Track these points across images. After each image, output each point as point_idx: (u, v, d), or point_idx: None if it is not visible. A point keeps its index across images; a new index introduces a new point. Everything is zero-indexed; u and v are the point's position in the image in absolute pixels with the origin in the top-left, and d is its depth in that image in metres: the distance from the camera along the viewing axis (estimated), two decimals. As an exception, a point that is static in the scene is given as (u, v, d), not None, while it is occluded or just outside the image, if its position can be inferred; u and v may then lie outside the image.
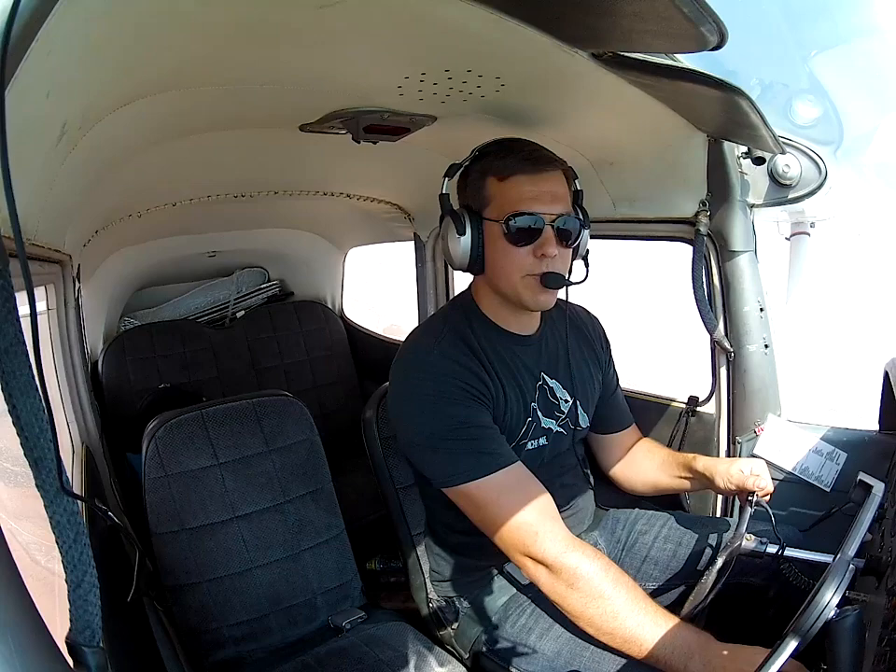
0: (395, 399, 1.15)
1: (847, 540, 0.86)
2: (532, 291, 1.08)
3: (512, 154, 1.05)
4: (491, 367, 1.11)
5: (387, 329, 3.25)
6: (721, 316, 1.41)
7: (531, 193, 1.04)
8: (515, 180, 1.05)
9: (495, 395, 1.10)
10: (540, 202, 1.04)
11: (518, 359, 1.16)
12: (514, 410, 1.13)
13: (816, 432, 1.36)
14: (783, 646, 0.71)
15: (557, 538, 0.99)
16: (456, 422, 1.04)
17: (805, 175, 1.30)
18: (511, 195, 1.05)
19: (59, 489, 0.43)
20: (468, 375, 1.07)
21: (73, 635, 0.44)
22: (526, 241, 1.05)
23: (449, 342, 1.11)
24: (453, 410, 1.04)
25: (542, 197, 1.04)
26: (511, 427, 1.12)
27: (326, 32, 0.81)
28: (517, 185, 1.05)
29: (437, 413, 1.05)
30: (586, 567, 0.96)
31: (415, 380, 1.09)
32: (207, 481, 1.32)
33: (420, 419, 1.07)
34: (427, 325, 1.22)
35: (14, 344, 0.40)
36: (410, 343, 1.18)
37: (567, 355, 1.23)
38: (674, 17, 0.66)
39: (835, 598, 0.71)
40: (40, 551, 0.85)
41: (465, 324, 1.15)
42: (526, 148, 1.07)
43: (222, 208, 1.98)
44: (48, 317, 1.37)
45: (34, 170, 0.78)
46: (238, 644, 1.29)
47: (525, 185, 1.04)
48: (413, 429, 1.10)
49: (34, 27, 0.47)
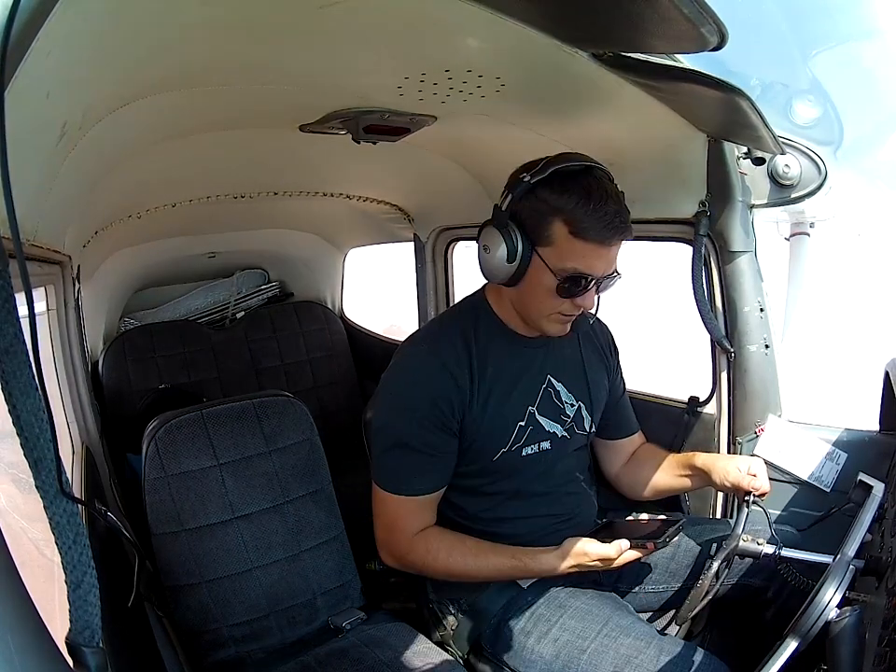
0: (382, 382, 1.20)
1: (846, 541, 0.86)
2: (556, 326, 1.11)
3: (594, 214, 0.99)
4: (478, 369, 1.12)
5: (387, 329, 3.25)
6: (722, 317, 1.41)
7: (595, 260, 1.03)
8: (588, 245, 1.01)
9: (470, 402, 1.12)
10: (599, 269, 1.04)
11: (522, 362, 1.16)
12: (501, 415, 1.13)
13: (816, 432, 1.36)
14: (783, 646, 0.72)
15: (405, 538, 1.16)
16: (407, 441, 1.11)
17: (805, 175, 1.30)
18: (577, 256, 1.02)
19: (58, 491, 0.43)
20: (444, 383, 1.10)
21: (72, 635, 0.44)
22: (572, 294, 1.06)
23: (445, 338, 1.13)
24: (411, 427, 1.11)
25: (602, 266, 1.04)
26: (496, 433, 1.14)
27: (326, 32, 0.81)
28: (587, 251, 1.02)
29: (398, 420, 1.12)
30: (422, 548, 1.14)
31: (398, 375, 1.16)
32: (207, 481, 1.32)
33: (387, 414, 1.15)
34: (437, 319, 1.27)
35: (14, 344, 0.40)
36: (415, 334, 1.24)
37: (577, 358, 1.23)
38: (674, 17, 0.66)
39: (835, 598, 0.72)
40: (48, 547, 0.89)
41: (471, 324, 1.15)
42: (609, 210, 1.00)
43: (222, 209, 1.98)
44: (48, 318, 1.37)
45: (34, 170, 0.78)
46: (238, 644, 1.29)
47: (595, 253, 1.02)
48: (379, 418, 1.17)
49: (34, 27, 0.47)
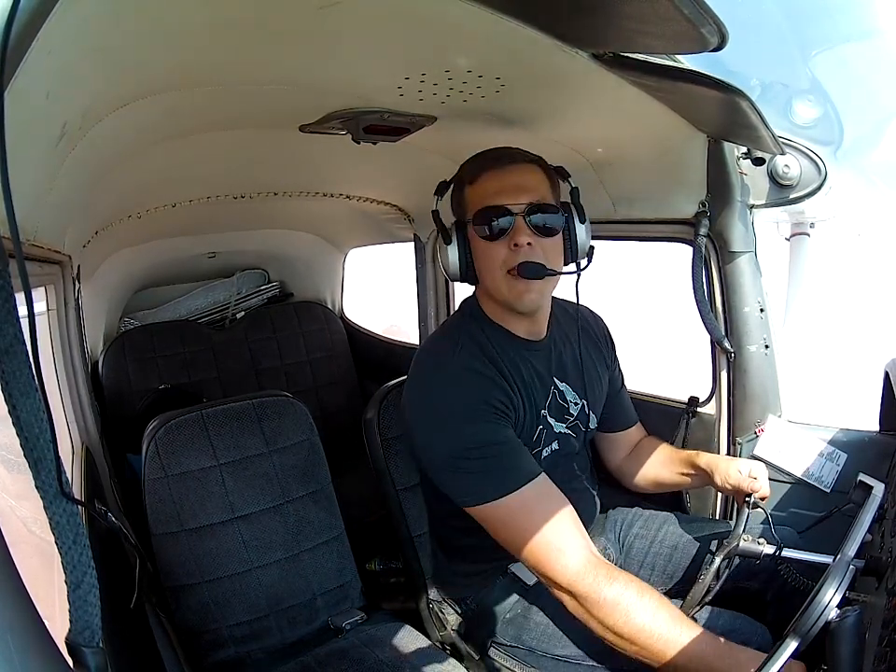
0: (414, 411, 1.11)
1: (846, 541, 0.85)
2: (514, 288, 1.06)
3: (482, 157, 1.10)
4: (510, 375, 1.09)
5: (387, 329, 3.25)
6: (722, 317, 1.41)
7: (497, 187, 1.06)
8: (483, 178, 1.08)
9: (515, 405, 1.08)
10: (506, 193, 1.05)
11: (530, 366, 1.15)
12: (527, 420, 1.12)
13: (816, 433, 1.35)
14: (783, 646, 0.71)
15: (573, 560, 0.96)
16: (477, 441, 1.01)
17: (805, 175, 1.30)
18: (480, 193, 1.08)
19: (58, 491, 0.43)
20: (490, 388, 1.05)
21: (72, 635, 0.44)
22: (499, 234, 1.05)
23: (468, 351, 1.09)
24: (473, 428, 1.02)
25: (508, 189, 1.06)
26: (524, 437, 1.11)
27: (326, 32, 0.81)
28: (483, 183, 1.08)
29: (458, 432, 1.02)
30: (601, 593, 0.94)
31: (437, 395, 1.07)
32: (207, 481, 1.32)
33: (440, 436, 1.05)
34: (444, 332, 1.20)
35: (14, 345, 0.40)
36: (429, 352, 1.16)
37: (576, 357, 1.22)
38: (674, 18, 0.66)
39: (836, 599, 0.71)
40: (36, 524, 0.90)
41: (478, 331, 1.13)
42: (495, 151, 1.10)
43: (222, 209, 1.98)
44: (48, 318, 1.37)
45: (33, 170, 0.78)
46: (238, 645, 1.29)
47: (491, 181, 1.07)
48: (432, 446, 1.07)
49: (34, 27, 0.47)
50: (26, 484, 0.43)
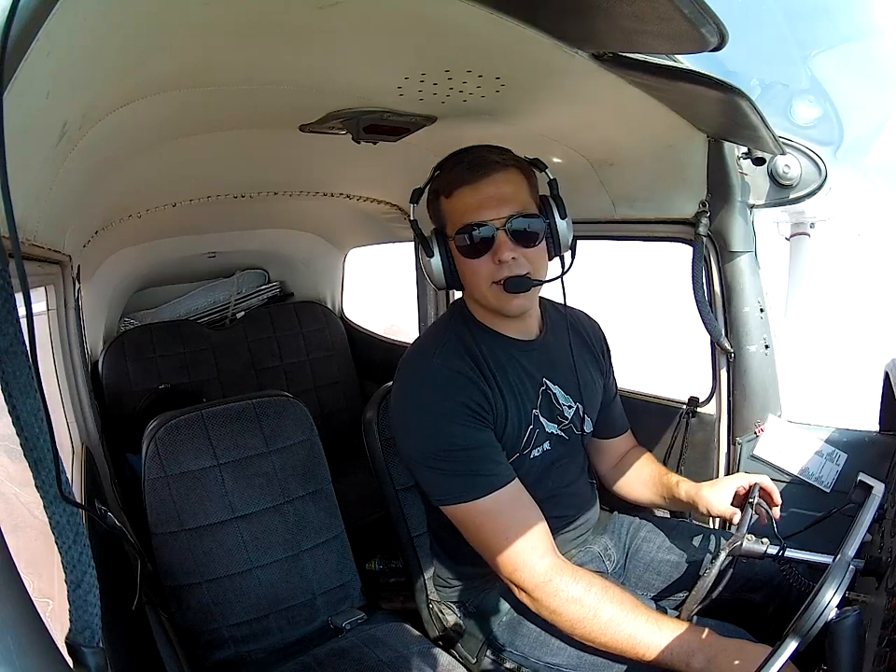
0: (395, 407, 1.14)
1: (846, 541, 0.86)
2: (501, 299, 1.06)
3: (456, 167, 1.05)
4: (492, 376, 1.09)
5: (387, 329, 3.25)
6: (722, 317, 1.41)
7: (475, 202, 1.03)
8: (459, 193, 1.04)
9: (495, 406, 1.08)
10: (485, 208, 1.02)
11: (519, 365, 1.14)
12: (515, 419, 1.11)
13: (816, 433, 1.36)
14: (783, 646, 0.71)
15: (539, 566, 0.99)
16: (453, 443, 1.03)
17: (805, 175, 1.30)
18: (458, 209, 1.04)
19: (57, 494, 0.43)
20: (469, 389, 1.05)
21: (72, 635, 0.44)
22: (482, 251, 1.04)
23: (450, 349, 1.10)
24: (451, 430, 1.03)
25: (486, 203, 1.02)
26: (512, 437, 1.11)
27: (326, 32, 0.81)
28: (461, 198, 1.04)
29: (435, 432, 1.04)
30: (567, 593, 0.97)
31: (416, 391, 1.09)
32: (207, 481, 1.32)
33: (418, 434, 1.06)
34: (430, 332, 1.21)
35: (14, 345, 0.40)
36: (414, 349, 1.17)
37: (570, 359, 1.21)
38: (674, 18, 0.66)
39: (835, 599, 0.71)
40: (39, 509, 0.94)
41: (466, 331, 1.13)
42: (468, 157, 1.05)
43: (222, 209, 1.98)
44: (48, 318, 1.37)
45: (33, 170, 0.78)
46: (238, 644, 1.29)
47: (468, 196, 1.03)
48: (410, 443, 1.09)
49: (34, 27, 0.47)
50: (29, 472, 0.43)
